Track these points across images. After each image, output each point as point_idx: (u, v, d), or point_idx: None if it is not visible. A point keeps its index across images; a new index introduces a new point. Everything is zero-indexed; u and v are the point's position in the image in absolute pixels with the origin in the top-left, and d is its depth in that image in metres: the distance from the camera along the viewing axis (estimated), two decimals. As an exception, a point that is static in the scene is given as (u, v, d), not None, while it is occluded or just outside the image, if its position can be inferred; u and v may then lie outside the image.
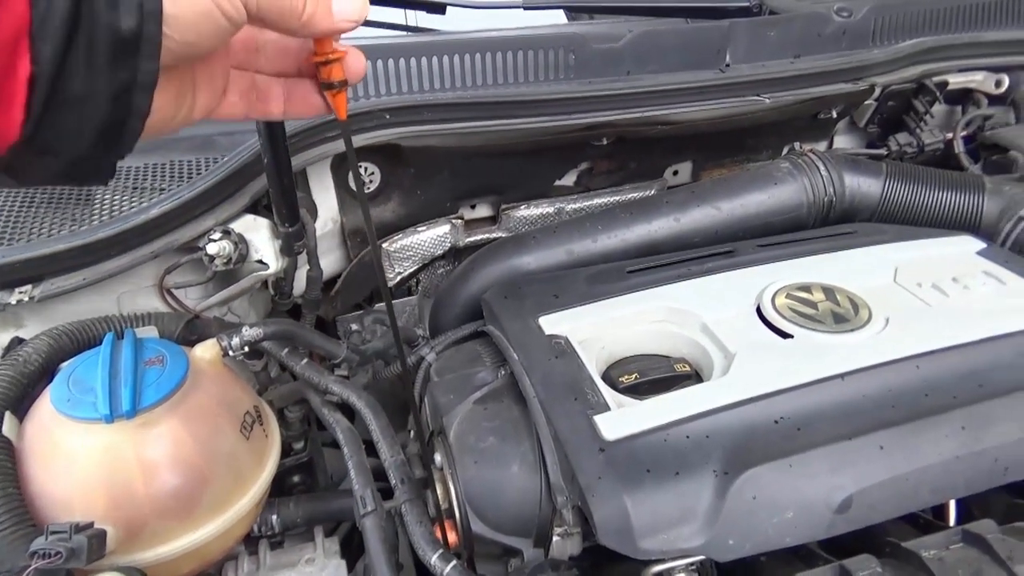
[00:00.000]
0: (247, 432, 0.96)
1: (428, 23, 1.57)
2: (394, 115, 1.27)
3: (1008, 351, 1.01)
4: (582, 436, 0.91)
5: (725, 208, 1.36)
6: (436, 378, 1.13)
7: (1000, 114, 1.70)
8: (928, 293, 1.14)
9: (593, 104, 1.34)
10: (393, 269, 1.48)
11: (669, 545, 0.83)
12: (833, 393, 0.95)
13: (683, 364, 1.07)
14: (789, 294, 1.12)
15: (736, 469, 0.86)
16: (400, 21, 1.66)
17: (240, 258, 1.09)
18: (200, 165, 1.18)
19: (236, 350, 0.99)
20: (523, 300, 1.17)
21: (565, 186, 1.55)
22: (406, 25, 1.57)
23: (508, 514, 0.95)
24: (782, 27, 1.53)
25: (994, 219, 1.35)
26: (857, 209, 1.42)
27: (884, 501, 0.88)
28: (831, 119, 1.60)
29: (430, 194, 1.44)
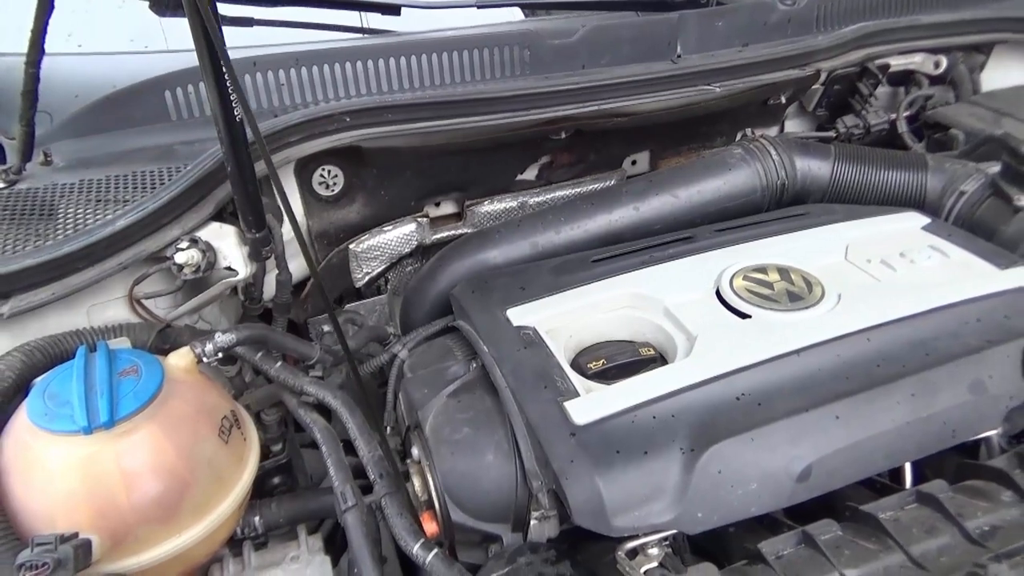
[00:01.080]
0: (225, 436, 0.97)
1: (384, 24, 1.58)
2: (354, 117, 1.29)
3: (952, 320, 1.06)
4: (553, 422, 0.94)
5: (683, 195, 1.40)
6: (409, 374, 1.15)
7: (940, 93, 1.77)
8: (877, 269, 1.19)
9: (550, 99, 1.37)
10: (361, 269, 1.50)
11: (641, 521, 0.87)
12: (790, 368, 0.99)
13: (648, 348, 1.10)
14: (746, 276, 1.16)
15: (701, 446, 0.90)
16: (355, 23, 1.66)
17: (208, 266, 1.10)
18: (163, 175, 1.18)
19: (210, 356, 1.00)
20: (491, 294, 1.20)
21: (527, 180, 1.58)
22: (361, 27, 1.58)
23: (486, 501, 0.98)
24: (729, 17, 1.58)
25: (937, 195, 1.41)
26: (809, 191, 1.47)
27: (842, 468, 0.92)
28: (781, 104, 1.65)
29: (394, 194, 1.45)
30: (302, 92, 1.38)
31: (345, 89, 1.39)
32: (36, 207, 1.14)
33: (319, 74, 1.38)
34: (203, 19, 0.88)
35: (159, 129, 1.33)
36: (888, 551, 0.87)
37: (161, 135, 1.32)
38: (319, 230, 1.41)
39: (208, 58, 0.92)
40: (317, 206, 1.40)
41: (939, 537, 0.88)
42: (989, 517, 0.90)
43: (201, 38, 0.90)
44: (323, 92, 1.38)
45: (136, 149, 1.28)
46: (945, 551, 0.86)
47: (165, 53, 1.48)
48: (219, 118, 0.96)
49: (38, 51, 1.15)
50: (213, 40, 0.90)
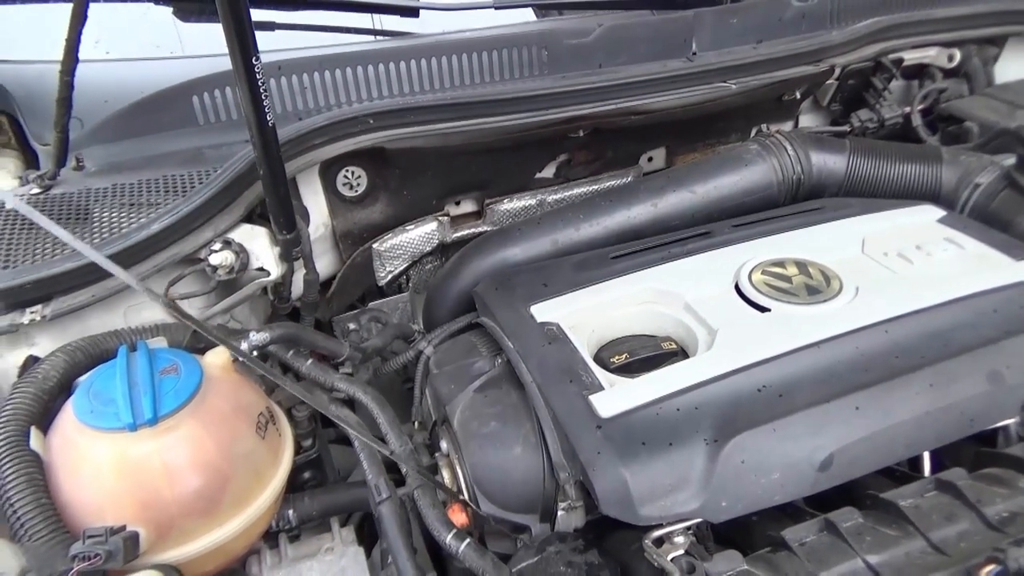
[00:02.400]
0: (262, 432, 1.00)
1: (402, 27, 1.61)
2: (377, 119, 1.31)
3: (968, 311, 1.08)
4: (579, 415, 0.97)
5: (700, 191, 1.42)
6: (435, 370, 1.18)
7: (954, 86, 1.78)
8: (894, 261, 1.21)
9: (568, 98, 1.40)
10: (384, 268, 1.53)
11: (667, 511, 0.90)
12: (810, 360, 1.01)
13: (669, 342, 1.13)
14: (764, 270, 1.18)
15: (725, 436, 0.92)
16: (369, 26, 1.69)
17: (242, 267, 1.13)
18: (192, 178, 1.22)
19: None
20: (514, 291, 1.22)
21: (546, 178, 1.61)
22: (380, 30, 1.61)
23: (514, 493, 1.01)
24: (744, 14, 1.59)
25: (952, 187, 1.43)
26: (825, 185, 1.49)
27: (862, 457, 0.95)
28: (795, 100, 1.66)
29: (416, 193, 1.48)
30: (326, 95, 1.40)
31: (368, 91, 1.42)
32: (71, 211, 1.17)
33: (342, 77, 1.40)
34: (237, 25, 0.91)
35: (187, 133, 1.36)
36: (909, 537, 0.89)
37: (189, 139, 1.35)
38: (343, 230, 1.45)
39: (242, 63, 0.95)
40: (341, 207, 1.43)
41: (958, 523, 0.90)
42: (1008, 504, 0.92)
43: (235, 43, 0.93)
44: (346, 95, 1.41)
45: (165, 153, 1.32)
46: (965, 537, 0.89)
47: (190, 59, 1.51)
48: (252, 123, 0.99)
49: (72, 59, 1.18)
50: (246, 46, 0.93)
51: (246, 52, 0.92)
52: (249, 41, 0.92)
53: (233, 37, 0.91)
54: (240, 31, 0.90)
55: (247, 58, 0.92)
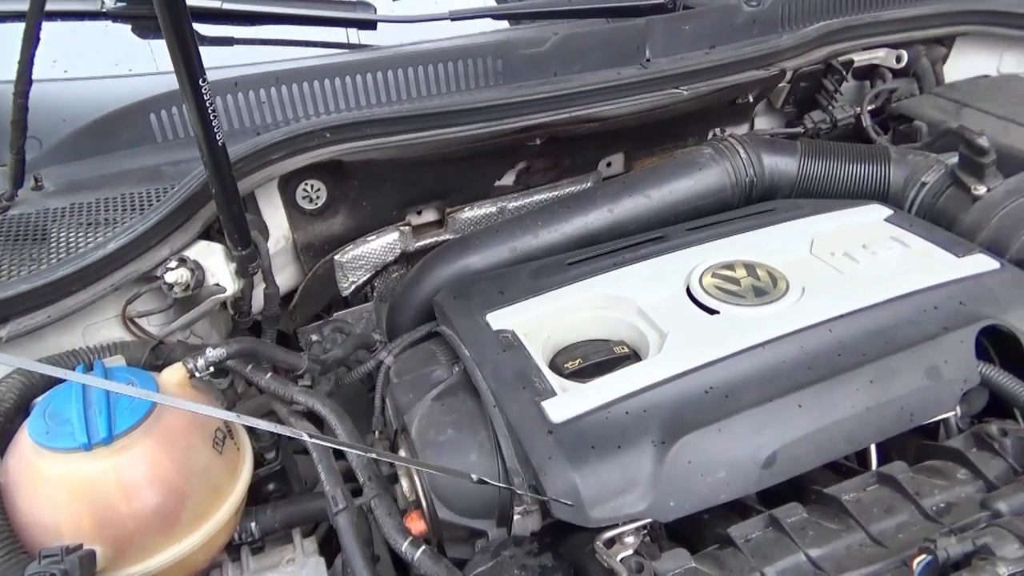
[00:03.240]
0: (219, 447, 1.02)
1: (360, 39, 1.62)
2: (335, 133, 1.33)
3: (909, 309, 1.11)
4: (532, 421, 0.99)
5: (655, 196, 1.45)
6: (395, 380, 1.19)
7: (905, 86, 1.82)
8: (840, 261, 1.24)
9: (524, 108, 1.42)
10: (347, 279, 1.54)
11: (616, 512, 0.92)
12: (756, 361, 1.04)
13: (622, 346, 1.15)
14: (715, 273, 1.21)
15: (672, 438, 0.95)
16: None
17: (198, 284, 1.14)
18: (151, 196, 1.23)
19: (202, 371, 1.05)
20: (471, 299, 1.24)
21: (506, 186, 1.63)
22: (338, 43, 1.62)
23: (471, 499, 1.03)
24: (696, 20, 1.62)
25: (900, 186, 1.46)
26: (777, 187, 1.52)
27: (805, 454, 0.98)
28: (749, 104, 1.70)
29: (376, 204, 1.50)
30: (283, 110, 1.42)
31: (325, 105, 1.43)
32: (29, 232, 1.18)
33: (299, 91, 1.42)
34: (181, 46, 0.93)
35: (146, 151, 1.37)
36: (850, 530, 0.92)
37: (148, 157, 1.36)
38: (304, 243, 1.46)
39: (188, 84, 0.96)
40: (301, 220, 1.44)
41: (897, 515, 0.93)
42: (945, 495, 0.95)
43: (181, 64, 0.94)
44: (303, 109, 1.42)
45: (124, 171, 1.32)
46: (903, 528, 0.92)
47: (149, 76, 1.51)
48: (202, 142, 1.00)
49: (26, 81, 1.18)
50: (192, 67, 0.95)
51: (192, 72, 0.94)
52: (195, 61, 0.93)
53: (178, 58, 0.92)
54: (185, 53, 0.92)
55: (193, 79, 0.94)
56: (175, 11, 0.89)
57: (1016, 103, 1.66)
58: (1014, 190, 1.32)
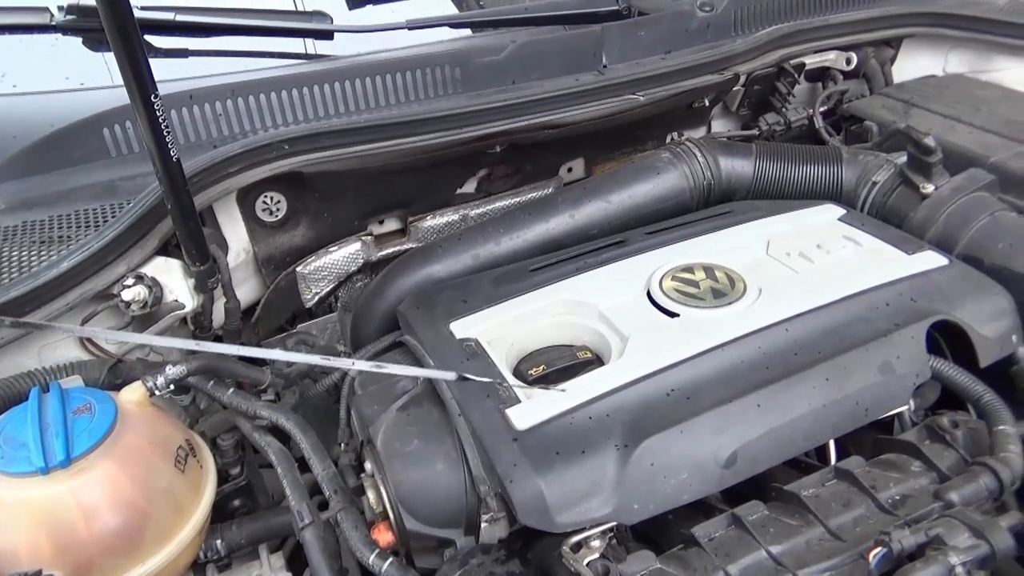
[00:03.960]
0: (181, 465, 1.00)
1: (317, 49, 1.62)
2: (292, 145, 1.32)
3: (863, 306, 1.14)
4: (496, 429, 0.99)
5: (615, 201, 1.47)
6: (360, 391, 1.19)
7: (856, 87, 1.87)
8: (796, 261, 1.27)
9: (482, 117, 1.42)
10: (310, 290, 1.54)
11: (582, 516, 0.93)
12: (715, 362, 1.06)
13: (585, 351, 1.16)
14: (674, 276, 1.23)
15: (635, 441, 0.96)
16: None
17: (155, 301, 1.13)
18: (106, 212, 1.21)
19: (161, 389, 1.04)
20: (434, 308, 1.25)
21: (467, 193, 1.63)
22: (295, 53, 1.61)
23: (438, 508, 1.03)
24: (651, 27, 1.65)
25: (852, 186, 1.50)
26: (735, 189, 1.55)
27: (764, 452, 1.00)
28: (705, 107, 1.72)
29: (337, 215, 1.49)
30: (240, 122, 1.40)
31: (283, 116, 1.43)
32: (-22, 253, 1.15)
33: (256, 103, 1.41)
34: (131, 62, 0.91)
35: (100, 166, 1.35)
36: (809, 526, 0.94)
37: (103, 172, 1.34)
38: (265, 255, 1.45)
39: (140, 100, 0.95)
40: (262, 232, 1.43)
41: (855, 509, 0.96)
42: (900, 487, 0.98)
43: (131, 80, 0.93)
44: (261, 121, 1.42)
45: (78, 187, 1.30)
46: (860, 521, 0.94)
47: (102, 90, 1.49)
48: (156, 158, 0.99)
49: (-28, 98, 1.17)
50: (143, 82, 0.93)
51: (143, 88, 0.93)
52: (146, 77, 0.92)
53: (129, 74, 0.91)
54: (135, 69, 0.91)
55: (145, 95, 0.93)
56: (124, 27, 0.88)
57: (961, 102, 1.72)
58: (959, 187, 1.36)
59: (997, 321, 1.15)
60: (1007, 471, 0.95)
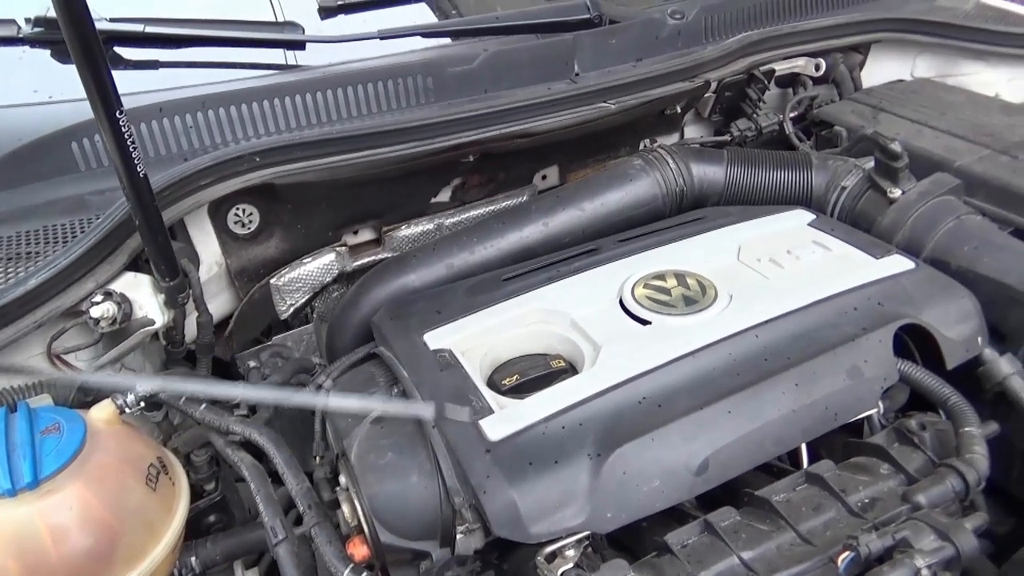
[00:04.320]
0: (153, 484, 1.00)
1: (289, 60, 1.61)
2: (264, 157, 1.32)
3: (832, 311, 1.15)
4: (470, 440, 1.00)
5: (588, 208, 1.47)
6: (335, 403, 1.19)
7: (826, 92, 1.89)
8: (766, 267, 1.28)
9: (454, 126, 1.43)
10: (285, 302, 1.53)
11: (556, 526, 0.93)
12: (687, 369, 1.07)
13: (558, 360, 1.17)
14: (646, 284, 1.24)
15: (607, 449, 0.97)
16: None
17: (125, 317, 1.12)
18: (74, 227, 1.20)
19: (132, 407, 1.03)
20: (408, 319, 1.25)
21: (442, 202, 1.64)
22: (266, 64, 1.60)
23: (413, 521, 1.03)
24: (622, 35, 1.66)
25: (822, 191, 1.52)
26: (707, 195, 1.56)
27: (736, 458, 1.00)
28: (677, 114, 1.74)
29: (311, 226, 1.49)
30: (211, 134, 1.40)
31: (254, 128, 1.42)
32: (-55, 270, 1.14)
33: (227, 115, 1.40)
34: (95, 77, 0.91)
35: (69, 180, 1.34)
36: (780, 531, 0.95)
37: (72, 186, 1.33)
38: (238, 268, 1.44)
39: (105, 116, 0.94)
40: (234, 245, 1.42)
41: (825, 513, 0.97)
42: (869, 490, 1.00)
43: (96, 96, 0.92)
44: (232, 133, 1.41)
45: (46, 203, 1.29)
46: (830, 525, 0.96)
47: (71, 103, 1.48)
48: (122, 174, 0.98)
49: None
50: (107, 98, 0.93)
51: (107, 104, 0.92)
52: (110, 93, 0.92)
53: (93, 90, 0.91)
54: (99, 85, 0.90)
55: (110, 110, 0.92)
56: (86, 41, 0.87)
57: (928, 107, 1.74)
58: (926, 192, 1.38)
59: (963, 324, 1.17)
60: (972, 472, 0.96)
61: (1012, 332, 1.23)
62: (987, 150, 1.54)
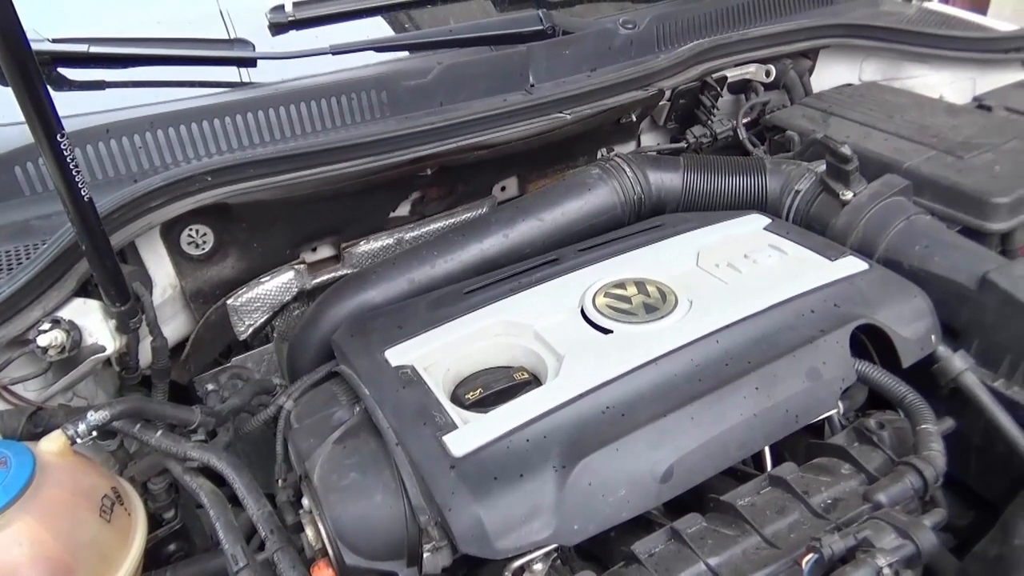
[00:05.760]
0: (107, 515, 0.97)
1: (241, 77, 1.59)
2: (216, 176, 1.29)
3: (789, 314, 1.17)
4: (434, 457, 0.98)
5: (548, 218, 1.48)
6: (296, 424, 1.17)
7: (777, 97, 1.92)
8: (725, 272, 1.29)
9: (410, 140, 1.42)
10: (243, 322, 1.50)
11: (522, 540, 0.93)
12: (649, 377, 1.07)
13: (522, 372, 1.16)
14: (607, 292, 1.24)
15: (572, 461, 0.96)
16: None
17: (74, 345, 1.09)
18: (19, 254, 1.17)
19: (83, 437, 1.00)
20: (369, 336, 1.23)
21: (401, 216, 1.62)
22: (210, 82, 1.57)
23: (379, 541, 1.01)
24: (576, 45, 1.67)
25: (777, 195, 1.54)
26: (665, 202, 1.57)
27: (700, 464, 1.01)
28: (633, 122, 1.75)
29: (268, 244, 1.47)
30: (161, 155, 1.37)
31: (206, 147, 1.40)
32: None
33: (177, 135, 1.38)
34: (33, 100, 0.88)
35: (13, 206, 1.30)
36: (745, 535, 0.96)
37: (16, 212, 1.29)
38: (193, 289, 1.41)
39: (45, 140, 0.91)
40: (188, 266, 1.39)
41: (789, 516, 0.97)
42: (831, 491, 1.01)
43: (35, 121, 0.90)
44: (183, 152, 1.38)
45: (-9, 228, 1.25)
46: (794, 528, 0.96)
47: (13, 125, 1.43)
48: (66, 199, 0.96)
49: None
50: (48, 122, 0.90)
51: (47, 127, 0.89)
52: (50, 116, 0.89)
53: (31, 112, 0.88)
54: (38, 108, 0.88)
55: (50, 134, 0.90)
56: (22, 64, 0.85)
57: (876, 110, 1.78)
58: (876, 193, 1.41)
59: (916, 322, 1.19)
60: (930, 469, 0.98)
61: (964, 328, 1.26)
62: (933, 151, 1.58)
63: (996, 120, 1.74)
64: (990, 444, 1.18)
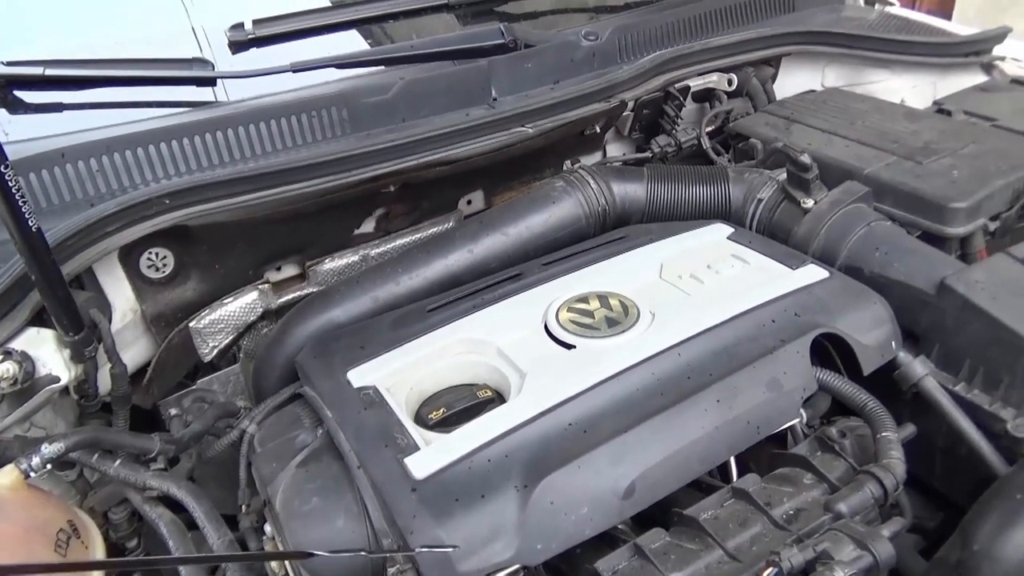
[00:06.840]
0: (63, 549, 0.95)
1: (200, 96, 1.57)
2: (174, 199, 1.28)
3: (750, 325, 1.17)
4: (395, 480, 0.98)
5: (512, 233, 1.47)
6: (259, 448, 1.15)
7: (740, 105, 1.93)
8: (688, 283, 1.29)
9: (372, 157, 1.41)
10: (207, 344, 1.48)
11: (485, 562, 0.92)
12: (611, 392, 1.07)
13: (485, 390, 1.16)
14: (570, 307, 1.24)
15: (534, 480, 0.96)
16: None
17: (27, 376, 1.07)
18: (-29, 283, 1.15)
19: (38, 470, 0.98)
20: (332, 356, 1.22)
21: (366, 233, 1.61)
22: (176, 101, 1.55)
23: (342, 568, 1.00)
24: (537, 58, 1.67)
25: (740, 204, 1.55)
26: (629, 213, 1.57)
27: (663, 479, 1.01)
28: (597, 134, 1.76)
29: (230, 265, 1.45)
30: (118, 178, 1.35)
31: (164, 169, 1.38)
32: None
33: (134, 157, 1.36)
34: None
35: (-38, 233, 1.28)
36: (708, 549, 0.96)
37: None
38: (154, 313, 1.40)
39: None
40: (149, 290, 1.38)
41: (751, 528, 0.98)
42: (793, 502, 1.01)
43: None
44: (141, 175, 1.37)
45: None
46: (756, 540, 0.96)
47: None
48: (12, 229, 0.94)
49: None
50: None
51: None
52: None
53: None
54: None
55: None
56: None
57: (838, 116, 1.80)
58: (837, 200, 1.42)
59: (877, 329, 1.20)
60: (890, 477, 0.99)
61: (924, 334, 1.27)
62: (893, 156, 1.59)
63: (955, 125, 1.77)
64: (953, 447, 1.19)
